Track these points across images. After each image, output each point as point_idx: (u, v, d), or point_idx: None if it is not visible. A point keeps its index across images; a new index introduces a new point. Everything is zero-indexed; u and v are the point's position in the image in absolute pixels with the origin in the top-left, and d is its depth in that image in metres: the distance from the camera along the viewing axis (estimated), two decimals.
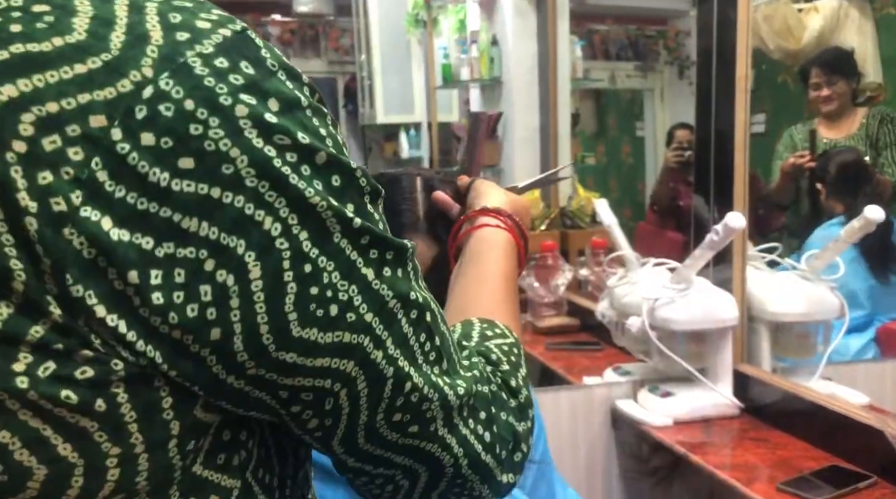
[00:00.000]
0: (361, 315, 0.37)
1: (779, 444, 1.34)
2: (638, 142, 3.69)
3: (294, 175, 0.34)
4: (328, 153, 0.36)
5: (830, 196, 2.03)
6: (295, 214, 0.34)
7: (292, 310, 0.34)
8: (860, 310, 1.84)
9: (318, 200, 0.35)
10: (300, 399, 0.37)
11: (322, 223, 0.35)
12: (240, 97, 0.33)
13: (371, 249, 0.37)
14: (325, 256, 0.35)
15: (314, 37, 4.77)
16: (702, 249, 1.39)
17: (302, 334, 0.35)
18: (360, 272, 0.37)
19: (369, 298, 0.37)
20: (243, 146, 0.33)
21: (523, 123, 2.59)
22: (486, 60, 2.62)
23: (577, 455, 1.60)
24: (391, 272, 0.39)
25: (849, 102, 2.02)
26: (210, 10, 0.35)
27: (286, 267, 0.34)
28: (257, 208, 0.33)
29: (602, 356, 1.94)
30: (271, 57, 0.35)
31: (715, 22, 1.54)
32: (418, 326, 0.40)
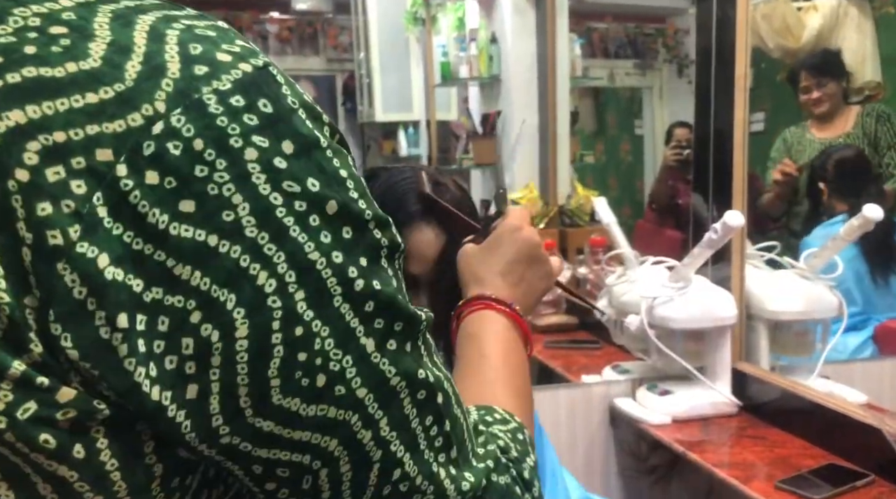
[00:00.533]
0: (353, 390, 0.34)
1: (777, 442, 1.35)
2: (637, 140, 3.69)
3: (297, 227, 0.32)
4: (340, 202, 0.33)
5: (832, 194, 2.03)
6: (293, 270, 0.32)
7: (276, 375, 0.32)
8: (858, 308, 1.84)
9: (319, 256, 0.32)
10: (276, 475, 0.34)
11: (322, 284, 0.33)
12: (251, 139, 0.32)
13: (376, 317, 0.34)
14: (321, 320, 0.33)
15: (313, 34, 4.75)
16: (700, 247, 1.40)
17: (283, 403, 0.32)
18: (359, 342, 0.34)
19: (365, 372, 0.34)
20: (247, 192, 0.31)
21: (522, 121, 2.58)
22: (484, 58, 2.62)
23: (576, 454, 1.60)
24: (397, 345, 0.35)
25: (840, 102, 2.03)
26: (234, 40, 0.34)
27: (276, 328, 0.32)
28: (253, 261, 0.31)
29: (601, 354, 1.94)
30: (292, 94, 0.33)
31: (714, 20, 1.54)
32: (424, 408, 0.37)
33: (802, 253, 1.56)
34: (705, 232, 1.39)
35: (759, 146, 2.27)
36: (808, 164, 2.08)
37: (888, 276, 1.90)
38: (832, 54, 2.14)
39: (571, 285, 2.29)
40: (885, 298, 1.88)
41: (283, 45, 4.72)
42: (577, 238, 2.34)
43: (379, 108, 3.95)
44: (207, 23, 0.34)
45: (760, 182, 2.21)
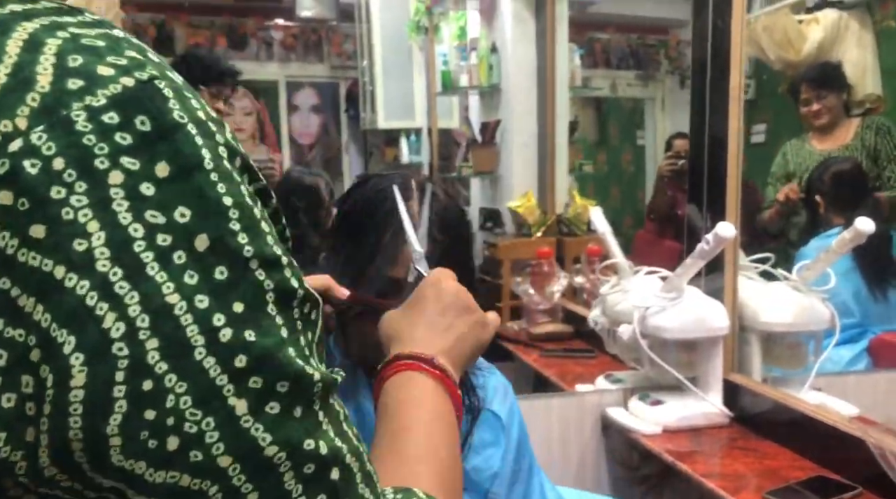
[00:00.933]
0: (213, 457, 0.30)
1: (767, 453, 1.34)
2: (639, 150, 3.70)
3: (157, 264, 0.29)
4: (214, 237, 0.30)
5: (829, 207, 2.03)
6: (146, 314, 0.28)
7: (116, 433, 0.28)
8: (853, 321, 1.84)
9: (179, 299, 0.29)
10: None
11: (180, 332, 0.29)
12: (120, 160, 0.29)
13: (251, 375, 0.30)
14: (177, 374, 0.29)
15: (317, 42, 4.78)
16: (692, 258, 1.40)
17: (124, 466, 0.29)
18: (226, 402, 0.30)
19: (231, 438, 0.30)
20: (105, 221, 0.28)
21: (521, 130, 2.60)
22: (485, 67, 2.63)
23: (568, 463, 1.60)
24: (280, 409, 0.31)
25: (841, 114, 2.04)
26: (124, 51, 0.31)
27: (119, 380, 0.28)
28: (101, 300, 0.28)
29: (595, 364, 1.94)
30: (181, 109, 0.31)
31: (710, 32, 1.55)
32: (314, 484, 0.32)
33: (796, 265, 1.56)
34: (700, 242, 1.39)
35: (760, 158, 2.28)
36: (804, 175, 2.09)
37: (885, 289, 1.90)
38: (832, 67, 2.14)
39: (568, 294, 2.29)
40: (882, 311, 1.88)
41: (288, 52, 4.75)
42: (575, 247, 2.34)
43: (381, 116, 3.97)
44: (100, 31, 0.32)
45: (759, 194, 2.21)
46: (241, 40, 4.62)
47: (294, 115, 4.88)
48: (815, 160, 2.08)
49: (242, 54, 4.61)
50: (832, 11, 2.22)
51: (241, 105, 4.72)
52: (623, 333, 1.49)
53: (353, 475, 0.34)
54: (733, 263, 1.52)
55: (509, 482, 0.86)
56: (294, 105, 4.87)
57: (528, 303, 2.21)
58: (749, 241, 2.15)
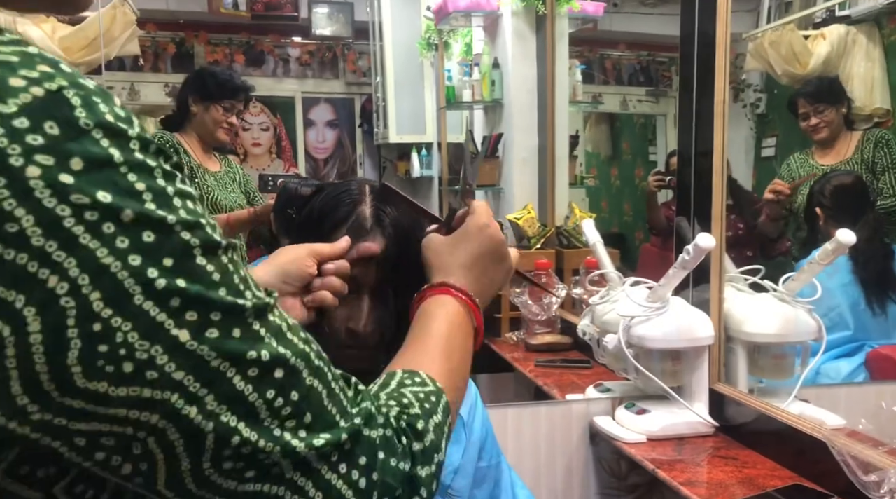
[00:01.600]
0: (168, 373, 0.37)
1: (747, 463, 1.36)
2: (651, 166, 3.72)
3: (88, 235, 0.34)
4: (137, 211, 0.36)
5: (828, 220, 2.04)
6: (86, 274, 0.34)
7: (76, 363, 0.35)
8: (850, 334, 1.84)
9: (114, 260, 0.35)
10: (101, 445, 0.37)
11: (118, 285, 0.35)
12: (33, 158, 0.34)
13: (187, 310, 0.37)
14: (122, 317, 0.35)
15: (333, 59, 4.88)
16: (675, 268, 1.42)
17: (88, 386, 0.35)
18: (169, 333, 0.37)
19: (180, 358, 0.37)
20: (30, 206, 0.33)
21: (522, 144, 2.63)
22: (487, 83, 2.68)
23: (555, 471, 1.62)
24: (218, 332, 0.38)
25: (841, 128, 2.04)
26: (35, 65, 0.36)
27: (70, 324, 0.34)
28: (42, 267, 0.34)
29: (590, 374, 1.96)
30: (87, 116, 0.35)
31: (695, 47, 1.58)
32: (262, 383, 0.40)
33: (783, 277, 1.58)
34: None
35: (770, 171, 2.29)
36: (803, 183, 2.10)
37: (885, 302, 1.89)
38: (829, 81, 2.16)
39: (567, 306, 2.32)
40: (880, 325, 1.87)
41: (304, 69, 4.85)
42: (574, 259, 2.37)
43: (393, 130, 4.04)
44: (14, 48, 0.36)
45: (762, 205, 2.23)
46: (258, 57, 4.73)
47: (310, 130, 4.97)
48: (818, 175, 2.09)
49: (260, 71, 4.73)
50: (839, 27, 2.23)
51: (259, 121, 4.83)
52: (608, 343, 1.52)
53: (298, 373, 0.42)
54: (718, 274, 1.54)
55: (473, 481, 0.89)
56: (310, 120, 4.97)
57: (527, 314, 2.24)
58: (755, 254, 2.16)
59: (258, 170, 4.65)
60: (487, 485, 0.91)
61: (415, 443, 0.49)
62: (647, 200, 2.54)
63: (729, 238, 1.88)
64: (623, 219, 3.70)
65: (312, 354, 0.44)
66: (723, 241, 1.53)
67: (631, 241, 3.38)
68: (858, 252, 1.82)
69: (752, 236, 2.26)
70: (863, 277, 1.86)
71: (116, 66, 4.12)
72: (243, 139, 4.74)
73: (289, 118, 4.91)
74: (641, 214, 3.75)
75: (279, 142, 4.91)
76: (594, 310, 1.68)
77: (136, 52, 3.08)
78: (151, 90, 4.45)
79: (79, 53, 2.73)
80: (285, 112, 4.90)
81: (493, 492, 0.92)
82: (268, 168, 4.81)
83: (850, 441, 1.06)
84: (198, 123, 2.29)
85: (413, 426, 0.50)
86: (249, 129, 4.78)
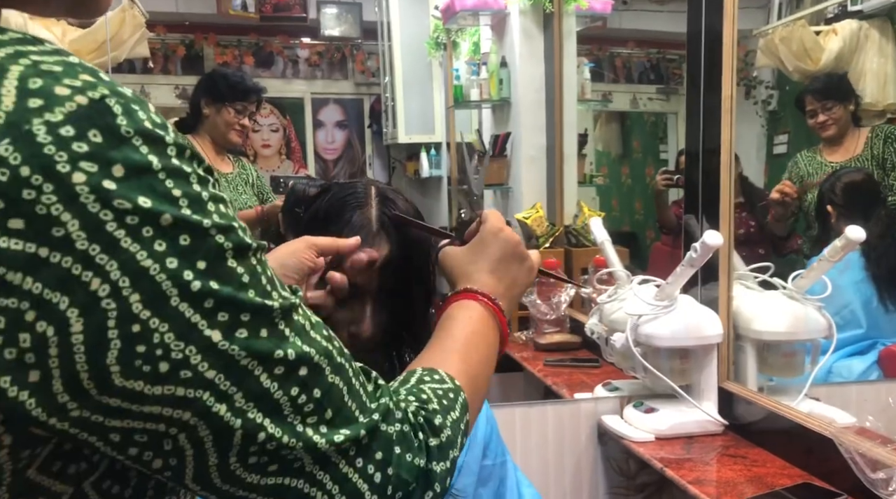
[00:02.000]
0: (201, 373, 0.39)
1: (756, 461, 1.35)
2: (661, 164, 3.70)
3: (129, 238, 0.36)
4: (175, 215, 0.38)
5: (840, 217, 2.02)
6: (126, 276, 0.36)
7: (115, 363, 0.36)
8: (863, 332, 1.82)
9: (152, 263, 0.37)
10: (135, 441, 0.39)
11: (156, 287, 0.37)
12: (79, 165, 0.35)
13: (219, 311, 0.39)
14: (159, 318, 0.37)
15: (341, 59, 4.89)
16: (682, 266, 1.42)
17: (125, 384, 0.37)
18: (202, 334, 0.38)
19: (212, 358, 0.39)
20: (76, 211, 0.35)
21: (531, 143, 2.63)
22: (495, 82, 2.68)
23: (564, 470, 1.61)
24: (247, 332, 0.40)
25: (849, 124, 2.03)
26: (78, 75, 0.37)
27: (111, 325, 0.36)
28: (85, 270, 0.35)
29: (599, 373, 1.95)
30: (128, 124, 0.37)
31: (703, 43, 1.57)
32: (287, 381, 0.42)
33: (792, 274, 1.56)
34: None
35: (782, 168, 2.27)
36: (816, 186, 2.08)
37: None
38: (836, 77, 2.14)
39: (576, 305, 2.31)
40: (893, 323, 1.85)
41: (313, 70, 4.86)
42: (583, 258, 2.36)
43: (402, 130, 4.04)
44: (58, 58, 0.38)
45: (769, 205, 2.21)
46: (267, 59, 4.75)
47: (319, 130, 4.99)
48: (826, 172, 2.07)
49: (269, 72, 4.74)
50: (852, 22, 2.21)
51: (268, 122, 4.85)
52: (616, 342, 1.51)
53: (321, 370, 0.44)
54: (727, 272, 1.53)
55: (478, 479, 0.89)
56: (319, 121, 4.98)
57: (535, 313, 2.23)
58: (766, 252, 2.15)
59: (268, 171, 4.67)
60: (493, 483, 0.91)
61: (431, 438, 0.50)
62: (656, 199, 2.53)
63: (740, 236, 1.87)
64: (634, 218, 3.68)
65: (335, 351, 0.46)
66: (731, 238, 1.52)
67: (642, 240, 3.36)
68: (871, 249, 1.81)
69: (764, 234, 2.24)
70: (875, 273, 1.84)
71: (126, 69, 4.15)
72: (253, 140, 4.76)
73: (298, 119, 4.92)
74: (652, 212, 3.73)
75: (289, 143, 4.93)
76: (602, 309, 1.67)
77: (146, 54, 3.09)
78: (162, 92, 4.48)
79: (88, 56, 2.75)
80: (294, 113, 4.91)
81: (498, 491, 0.92)
82: (277, 169, 4.83)
83: (858, 439, 1.05)
84: (210, 125, 2.30)
85: (430, 422, 0.51)
86: (259, 130, 4.80)
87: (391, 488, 0.47)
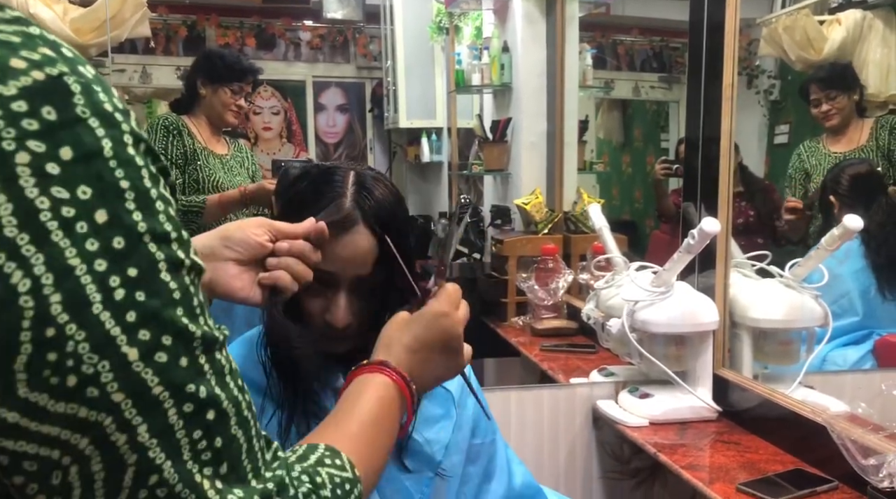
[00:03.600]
0: (108, 393, 0.35)
1: (749, 447, 1.36)
2: (662, 153, 3.70)
3: (61, 231, 0.33)
4: (111, 213, 0.35)
5: (843, 208, 2.02)
6: (51, 273, 0.33)
7: (22, 370, 0.33)
8: (859, 321, 1.83)
9: (80, 262, 0.34)
10: (23, 469, 0.35)
11: (80, 290, 0.34)
12: (26, 143, 0.33)
13: (140, 328, 0.36)
14: (77, 324, 0.34)
15: (343, 42, 4.87)
16: (680, 253, 1.42)
17: (29, 397, 0.33)
18: (119, 350, 0.35)
19: (124, 379, 0.35)
20: (13, 193, 0.32)
21: (531, 129, 2.62)
22: (496, 67, 2.67)
23: (558, 454, 1.62)
24: (168, 358, 0.37)
25: (853, 115, 2.02)
26: (37, 47, 0.35)
27: (25, 326, 0.33)
28: (9, 260, 0.32)
29: (595, 359, 1.96)
30: (85, 104, 0.35)
31: (704, 30, 1.57)
32: (192, 421, 0.38)
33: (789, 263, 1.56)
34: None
35: (783, 158, 2.27)
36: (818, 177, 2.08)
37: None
38: (841, 67, 2.13)
39: (573, 291, 2.31)
40: (890, 312, 1.86)
41: (315, 53, 4.84)
42: (581, 244, 2.36)
43: (403, 115, 4.03)
44: (16, 28, 0.35)
45: (778, 195, 2.21)
46: (269, 41, 4.72)
47: (320, 114, 4.97)
48: (830, 163, 2.07)
49: (271, 55, 4.72)
50: (855, 12, 2.19)
51: (269, 104, 4.83)
52: (612, 327, 1.52)
53: (227, 419, 0.41)
54: (724, 260, 1.53)
55: (466, 458, 0.89)
56: (321, 104, 4.96)
57: (533, 299, 2.24)
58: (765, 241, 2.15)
59: (269, 154, 4.66)
60: (482, 461, 0.92)
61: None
62: (656, 188, 2.53)
63: (739, 225, 1.86)
64: (634, 206, 3.68)
65: (244, 404, 0.43)
66: (729, 226, 1.53)
67: (642, 228, 3.36)
68: (871, 238, 1.81)
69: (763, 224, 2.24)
70: (876, 263, 1.84)
71: (128, 49, 4.13)
72: (254, 123, 4.75)
73: (299, 102, 4.90)
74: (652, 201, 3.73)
75: (290, 126, 4.91)
76: (599, 294, 1.67)
77: (147, 34, 3.07)
78: (163, 73, 4.46)
79: (89, 35, 2.74)
80: (296, 96, 4.89)
81: (487, 468, 0.92)
82: (278, 152, 4.82)
83: (850, 426, 1.06)
84: (206, 106, 2.29)
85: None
86: (260, 113, 4.79)
87: None
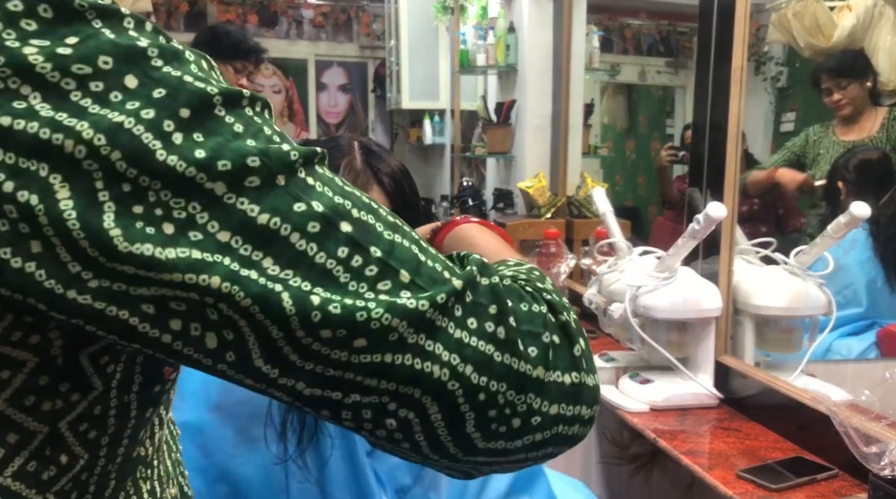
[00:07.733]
0: (211, 234, 0.34)
1: (749, 434, 1.35)
2: (667, 140, 3.67)
3: (97, 105, 0.33)
4: (140, 73, 0.34)
5: (850, 195, 2.00)
6: (101, 134, 0.33)
7: (114, 227, 0.33)
8: (863, 311, 1.82)
9: (125, 118, 0.33)
10: (174, 311, 0.34)
11: (136, 140, 0.33)
12: (29, 41, 0.33)
13: (217, 160, 0.34)
14: (148, 175, 0.33)
15: (346, 21, 4.82)
16: (684, 238, 1.40)
17: (132, 250, 0.33)
18: (203, 187, 0.34)
19: (221, 214, 0.34)
20: (34, 82, 0.33)
21: (536, 111, 2.60)
22: (502, 47, 2.64)
23: None
24: (262, 182, 0.35)
25: (866, 103, 1.99)
26: None
27: (99, 187, 0.33)
28: (54, 133, 0.32)
29: (596, 344, 1.95)
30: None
31: (714, 12, 1.54)
32: (327, 240, 0.35)
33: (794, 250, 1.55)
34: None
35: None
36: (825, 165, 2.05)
37: None
38: (853, 55, 2.10)
39: (576, 276, 2.30)
40: (894, 303, 1.85)
41: (318, 31, 4.79)
42: (584, 229, 2.35)
43: (406, 96, 3.99)
44: None
45: None
46: (271, 18, 4.67)
47: (322, 93, 4.93)
48: (838, 151, 2.05)
49: (273, 32, 4.67)
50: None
51: (271, 83, 4.80)
52: (614, 312, 1.51)
53: (369, 225, 0.37)
54: (729, 246, 1.52)
55: None
56: (322, 84, 4.92)
57: None
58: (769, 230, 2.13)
59: None
60: None
61: (544, 293, 0.42)
62: (660, 174, 2.51)
63: (743, 213, 1.85)
64: (637, 192, 3.66)
65: (383, 211, 0.39)
66: (735, 211, 1.51)
67: (645, 214, 3.35)
68: (879, 228, 1.79)
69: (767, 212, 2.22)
70: (883, 253, 1.83)
71: None
72: None
73: (301, 81, 4.86)
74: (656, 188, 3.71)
75: (291, 105, 4.88)
76: (601, 279, 1.66)
77: (148, 8, 3.02)
78: None
79: None
80: (297, 75, 4.85)
81: None
82: None
83: (853, 413, 1.05)
84: None
85: (531, 282, 0.43)
86: (261, 91, 4.75)
87: (521, 342, 0.39)
